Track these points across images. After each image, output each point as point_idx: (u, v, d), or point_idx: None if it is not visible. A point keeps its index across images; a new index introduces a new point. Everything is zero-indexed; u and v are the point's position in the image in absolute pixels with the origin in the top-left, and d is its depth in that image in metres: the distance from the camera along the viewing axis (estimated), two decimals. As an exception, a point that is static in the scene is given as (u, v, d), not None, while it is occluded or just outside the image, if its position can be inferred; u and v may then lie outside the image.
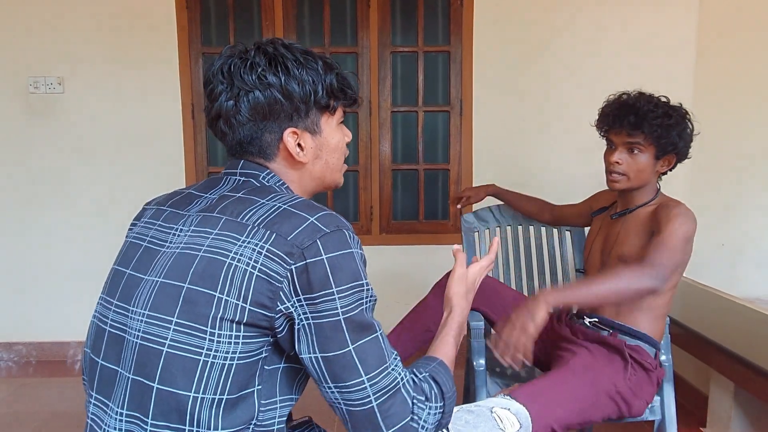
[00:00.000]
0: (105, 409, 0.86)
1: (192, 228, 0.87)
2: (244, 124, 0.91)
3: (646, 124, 1.49)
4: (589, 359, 1.47)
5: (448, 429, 1.00)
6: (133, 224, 0.99)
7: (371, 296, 0.85)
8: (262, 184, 0.92)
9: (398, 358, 0.86)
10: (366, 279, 0.85)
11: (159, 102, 2.82)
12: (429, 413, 0.85)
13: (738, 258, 3.14)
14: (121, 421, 0.83)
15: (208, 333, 0.79)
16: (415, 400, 0.84)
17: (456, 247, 1.11)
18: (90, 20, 2.75)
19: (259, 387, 0.82)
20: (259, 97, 0.89)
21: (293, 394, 0.87)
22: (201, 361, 0.79)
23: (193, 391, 0.79)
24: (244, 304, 0.79)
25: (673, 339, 2.12)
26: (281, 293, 0.79)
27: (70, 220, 2.84)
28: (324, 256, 0.80)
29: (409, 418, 0.83)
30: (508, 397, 1.13)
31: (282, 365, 0.85)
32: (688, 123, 1.56)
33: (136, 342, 0.83)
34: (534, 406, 1.22)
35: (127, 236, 0.97)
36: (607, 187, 1.65)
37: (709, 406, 2.04)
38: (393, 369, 0.84)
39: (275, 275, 0.79)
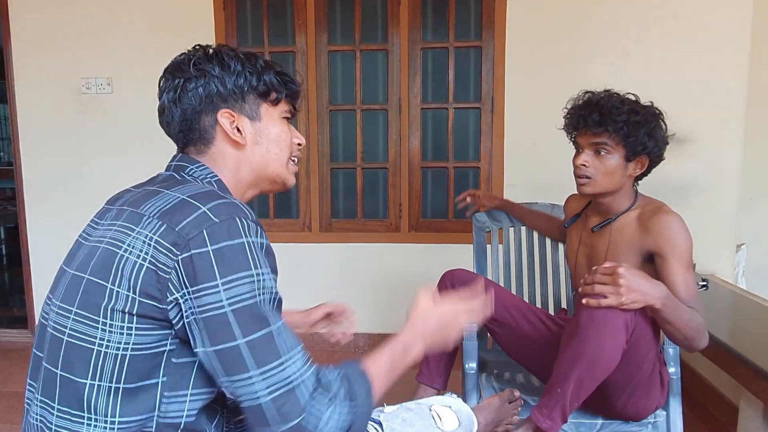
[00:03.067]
0: (36, 393, 0.90)
1: (107, 222, 0.90)
2: (184, 110, 0.95)
3: (610, 121, 1.41)
4: None
5: (382, 426, 0.98)
6: None
7: (266, 287, 0.82)
8: (183, 177, 0.94)
9: (301, 353, 0.83)
10: (261, 269, 0.82)
11: (198, 101, 2.94)
12: (333, 414, 0.81)
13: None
14: (38, 406, 0.87)
15: (100, 323, 0.82)
16: (314, 400, 0.81)
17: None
18: (136, 23, 2.90)
19: (164, 379, 0.83)
20: (196, 85, 0.94)
21: (211, 388, 0.86)
22: (95, 351, 0.82)
23: (89, 378, 0.82)
24: (134, 296, 0.80)
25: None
26: (170, 284, 0.80)
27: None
28: (209, 248, 0.79)
29: (301, 417, 0.79)
30: (455, 396, 1.10)
31: (197, 359, 0.84)
32: (661, 122, 1.46)
33: (50, 332, 0.87)
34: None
35: None
36: (576, 192, 1.58)
37: (738, 424, 1.89)
38: (290, 365, 0.80)
39: (163, 267, 0.80)
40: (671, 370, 1.51)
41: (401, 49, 2.82)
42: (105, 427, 0.82)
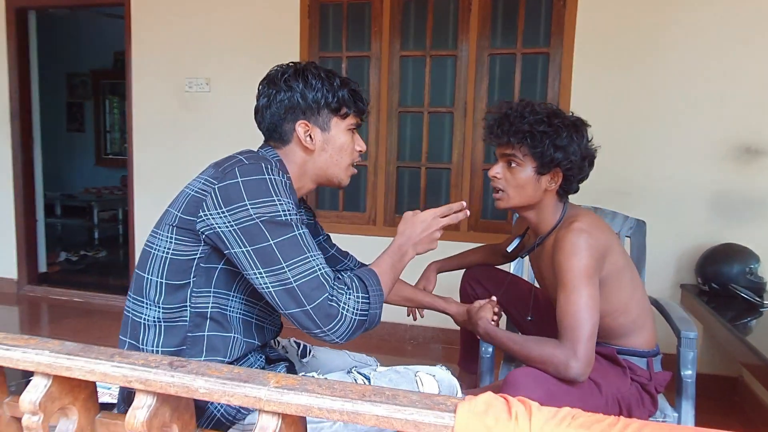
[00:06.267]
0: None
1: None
2: (272, 115, 1.23)
3: (512, 131, 1.38)
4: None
5: (369, 381, 1.12)
6: None
7: (288, 211, 1.06)
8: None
9: (320, 256, 1.07)
10: (281, 198, 1.06)
11: (282, 101, 3.22)
12: (350, 298, 1.05)
13: None
14: (126, 298, 1.20)
15: (159, 234, 1.13)
16: (335, 287, 1.04)
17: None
18: (232, 30, 3.26)
19: (194, 278, 1.11)
20: (283, 97, 1.21)
21: (230, 291, 1.14)
22: (152, 253, 1.13)
23: (146, 273, 1.13)
24: (178, 213, 1.11)
25: (748, 367, 1.92)
26: (204, 204, 1.08)
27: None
28: (239, 179, 1.07)
29: (326, 296, 1.02)
30: (444, 368, 1.20)
31: (220, 266, 1.11)
32: (575, 134, 1.38)
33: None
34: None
35: None
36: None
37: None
38: (311, 260, 1.04)
39: (202, 192, 1.09)
40: (687, 372, 1.51)
41: (469, 55, 2.93)
42: (156, 309, 1.11)
